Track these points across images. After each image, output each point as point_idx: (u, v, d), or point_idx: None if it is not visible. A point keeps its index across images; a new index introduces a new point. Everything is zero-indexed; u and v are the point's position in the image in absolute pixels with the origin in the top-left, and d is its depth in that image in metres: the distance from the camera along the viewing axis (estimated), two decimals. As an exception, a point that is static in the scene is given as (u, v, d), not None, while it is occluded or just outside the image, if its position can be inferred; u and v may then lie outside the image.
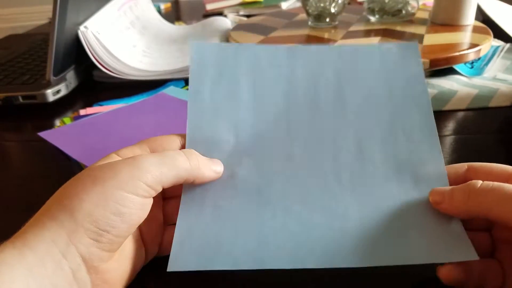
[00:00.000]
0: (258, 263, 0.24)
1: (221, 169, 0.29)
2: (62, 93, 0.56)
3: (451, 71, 0.57)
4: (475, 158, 0.28)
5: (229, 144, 0.30)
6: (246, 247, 0.25)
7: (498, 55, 0.62)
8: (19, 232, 0.22)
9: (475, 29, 0.61)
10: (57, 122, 0.51)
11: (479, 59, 0.61)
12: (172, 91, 0.55)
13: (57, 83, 0.56)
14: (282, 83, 0.32)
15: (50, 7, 0.54)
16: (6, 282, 0.19)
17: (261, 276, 0.27)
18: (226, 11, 1.00)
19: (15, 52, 0.73)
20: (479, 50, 0.54)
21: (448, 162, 0.28)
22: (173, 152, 0.26)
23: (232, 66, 0.33)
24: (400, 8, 0.68)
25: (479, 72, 0.57)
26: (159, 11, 1.07)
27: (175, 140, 0.29)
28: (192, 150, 0.27)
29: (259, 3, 1.03)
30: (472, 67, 0.59)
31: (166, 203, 0.29)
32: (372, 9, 0.69)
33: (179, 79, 0.60)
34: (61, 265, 0.21)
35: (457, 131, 0.44)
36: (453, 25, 0.63)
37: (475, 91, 0.52)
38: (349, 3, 0.88)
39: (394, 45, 0.33)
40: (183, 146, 0.29)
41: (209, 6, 1.06)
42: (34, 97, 0.54)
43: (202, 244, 0.25)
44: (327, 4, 0.66)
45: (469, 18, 0.62)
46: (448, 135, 0.43)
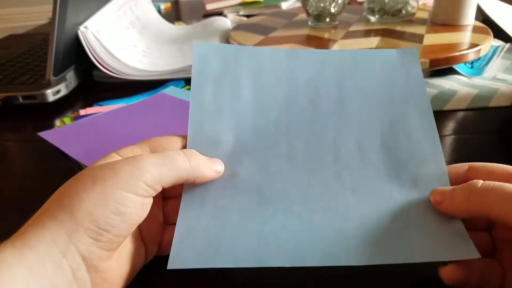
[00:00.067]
0: (258, 261, 0.24)
1: (221, 169, 0.29)
2: (62, 93, 0.56)
3: (451, 71, 0.57)
4: (475, 158, 0.28)
5: (230, 144, 0.30)
6: (246, 246, 0.25)
7: (498, 55, 0.62)
8: (19, 232, 0.22)
9: (475, 29, 0.61)
10: (57, 122, 0.51)
11: (479, 59, 0.61)
12: (172, 91, 0.55)
13: (57, 83, 0.56)
14: (283, 85, 0.33)
15: (50, 7, 0.54)
16: (6, 281, 0.19)
17: (261, 275, 0.27)
18: (226, 11, 1.00)
19: (15, 52, 0.73)
20: (479, 50, 0.54)
21: (448, 162, 0.28)
22: (173, 152, 0.26)
23: (234, 67, 0.33)
24: (400, 8, 0.68)
25: (479, 72, 0.57)
26: (159, 11, 1.07)
27: (176, 141, 0.29)
28: (192, 150, 0.27)
29: (259, 3, 1.03)
30: (472, 67, 0.59)
31: (166, 202, 0.29)
32: (372, 9, 0.69)
33: (179, 79, 0.60)
34: (61, 265, 0.21)
35: (457, 131, 0.44)
36: (453, 25, 0.63)
37: (475, 91, 0.52)
38: (349, 3, 0.88)
39: (395, 51, 0.34)
40: (184, 147, 0.29)
41: (209, 6, 1.06)
42: (34, 97, 0.54)
43: (202, 242, 0.26)
44: (327, 4, 0.66)
45: (469, 18, 0.62)
46: (448, 135, 0.43)
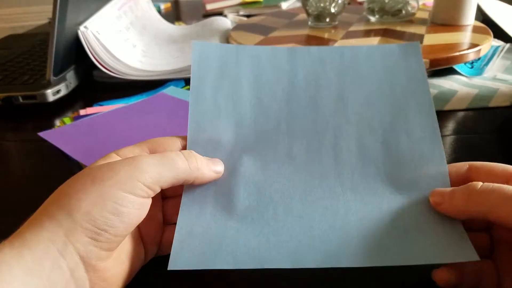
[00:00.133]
0: (259, 262, 0.24)
1: (221, 169, 0.29)
2: (62, 93, 0.56)
3: (451, 71, 0.57)
4: (475, 158, 0.28)
5: (230, 143, 0.30)
6: (246, 246, 0.25)
7: (498, 55, 0.62)
8: (18, 232, 0.22)
9: (475, 29, 0.61)
10: (57, 122, 0.51)
11: (479, 59, 0.61)
12: (172, 91, 0.55)
13: (57, 83, 0.56)
14: (283, 84, 0.33)
15: (50, 7, 0.54)
16: (5, 281, 0.19)
17: (261, 275, 0.27)
18: (226, 11, 1.00)
19: (15, 52, 0.73)
20: (479, 50, 0.54)
21: (448, 162, 0.28)
22: (172, 153, 0.26)
23: (234, 66, 0.33)
24: (400, 8, 0.68)
25: (479, 72, 0.57)
26: (159, 11, 1.07)
27: (175, 142, 0.29)
28: (191, 152, 0.27)
29: (259, 3, 1.03)
30: (472, 67, 0.59)
31: (166, 202, 0.29)
32: (372, 9, 0.69)
33: (179, 79, 0.60)
34: (59, 264, 0.21)
35: (457, 131, 0.44)
36: (453, 25, 0.63)
37: (475, 91, 0.52)
38: (349, 3, 0.88)
39: (396, 45, 0.33)
40: (184, 147, 0.29)
41: (209, 6, 1.06)
42: (34, 97, 0.54)
43: (202, 243, 0.25)
44: (327, 4, 0.66)
45: (469, 18, 0.62)
46: (448, 135, 0.43)
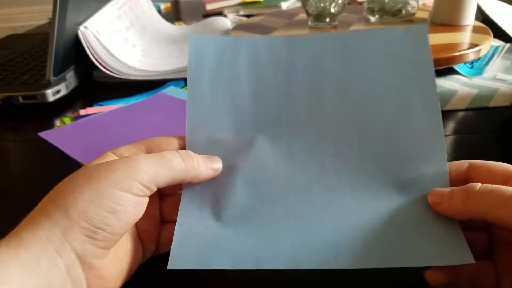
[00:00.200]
0: (256, 263, 0.24)
1: (219, 167, 0.28)
2: (62, 93, 0.56)
3: (451, 71, 0.57)
4: (475, 158, 0.27)
5: (229, 139, 0.30)
6: (244, 247, 0.25)
7: (498, 55, 0.62)
8: (14, 231, 0.22)
9: (475, 29, 0.61)
10: (57, 122, 0.52)
11: (479, 59, 0.61)
12: (172, 91, 0.55)
13: (57, 83, 0.56)
14: (283, 76, 0.31)
15: (50, 7, 0.54)
16: (2, 280, 0.19)
17: (261, 275, 0.27)
18: (226, 11, 1.00)
19: (15, 52, 0.73)
20: (479, 50, 0.54)
21: (448, 162, 0.28)
22: (169, 153, 0.26)
23: (231, 59, 0.32)
24: (400, 8, 0.68)
25: (479, 72, 0.57)
26: (159, 11, 1.07)
27: (172, 141, 0.29)
28: (188, 151, 0.27)
29: (259, 3, 1.03)
30: (472, 67, 0.59)
31: (163, 201, 0.29)
32: (372, 9, 0.69)
33: (179, 79, 0.60)
34: (56, 262, 0.21)
35: (457, 131, 0.44)
36: (453, 25, 0.63)
37: (475, 91, 0.52)
38: (349, 3, 0.88)
39: (401, 28, 0.31)
40: (181, 147, 0.29)
41: (209, 6, 1.06)
42: (34, 97, 0.54)
43: (202, 242, 0.25)
44: (327, 4, 0.66)
45: (469, 18, 0.62)
46: (448, 135, 0.43)
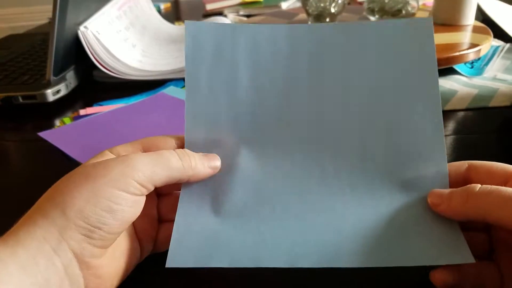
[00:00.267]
0: (255, 261, 0.24)
1: (218, 164, 0.28)
2: (62, 93, 0.56)
3: (451, 71, 0.57)
4: (475, 158, 0.27)
5: (228, 137, 0.29)
6: (243, 245, 0.25)
7: (498, 55, 0.62)
8: (12, 230, 0.22)
9: (475, 29, 0.61)
10: (57, 122, 0.51)
11: (479, 59, 0.60)
12: (172, 91, 0.55)
13: (57, 83, 0.56)
14: (283, 68, 0.30)
15: (50, 7, 0.54)
16: (2, 280, 0.19)
17: (260, 273, 0.27)
18: (226, 11, 1.00)
19: (15, 52, 0.73)
20: (479, 50, 0.54)
21: (448, 162, 0.28)
22: (166, 152, 0.26)
23: (230, 49, 0.31)
24: (400, 8, 0.68)
25: (479, 72, 0.57)
26: (159, 11, 1.07)
27: (170, 141, 0.29)
28: (185, 150, 0.27)
29: (259, 3, 1.03)
30: (472, 67, 0.59)
31: (161, 200, 0.29)
32: (372, 9, 0.69)
33: (178, 79, 0.60)
34: (53, 261, 0.21)
35: (457, 131, 0.44)
36: (453, 25, 0.63)
37: (475, 91, 0.52)
38: (349, 3, 0.88)
39: (406, 22, 0.30)
40: (179, 147, 0.29)
41: (209, 6, 1.06)
42: (34, 97, 0.54)
43: (200, 241, 0.25)
44: (327, 4, 0.66)
45: (469, 18, 0.62)
46: (448, 135, 0.43)
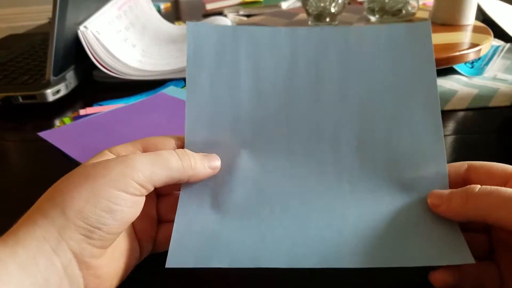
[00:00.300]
0: (255, 261, 0.24)
1: (217, 165, 0.28)
2: (62, 93, 0.56)
3: (451, 71, 0.57)
4: (475, 158, 0.28)
5: (229, 137, 0.30)
6: (243, 245, 0.25)
7: (498, 55, 0.62)
8: (11, 230, 0.22)
9: (475, 29, 0.61)
10: (57, 122, 0.51)
11: (479, 59, 0.60)
12: (172, 91, 0.55)
13: (57, 83, 0.56)
14: (283, 71, 0.31)
15: (50, 7, 0.54)
16: (2, 280, 0.19)
17: (260, 274, 0.27)
18: (226, 11, 1.00)
19: (15, 52, 0.73)
20: (479, 50, 0.54)
21: (448, 162, 0.28)
22: (166, 152, 0.26)
23: (231, 52, 0.31)
24: (400, 8, 0.68)
25: (479, 72, 0.57)
26: (159, 11, 1.07)
27: (169, 141, 0.29)
28: (185, 150, 0.27)
29: (259, 3, 1.03)
30: (472, 67, 0.59)
31: (160, 200, 0.29)
32: (372, 9, 0.69)
33: (178, 79, 0.60)
34: (52, 261, 0.21)
35: (457, 131, 0.44)
36: (453, 25, 0.63)
37: (475, 91, 0.52)
38: (349, 3, 0.88)
39: (404, 26, 0.31)
40: (178, 147, 0.29)
41: (209, 6, 1.06)
42: (34, 97, 0.54)
43: (200, 241, 0.25)
44: (327, 4, 0.66)
45: (469, 18, 0.62)
46: (448, 135, 0.43)
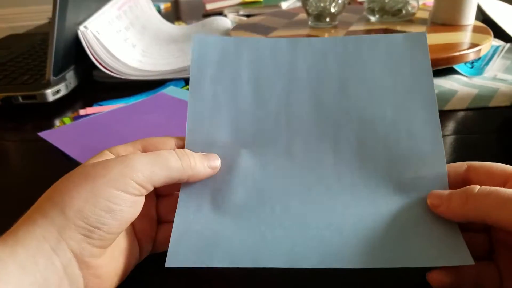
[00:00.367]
0: (255, 261, 0.24)
1: (217, 164, 0.28)
2: (62, 93, 0.56)
3: (451, 71, 0.57)
4: (475, 158, 0.28)
5: (229, 138, 0.30)
6: (243, 245, 0.25)
7: (498, 55, 0.62)
8: (11, 229, 0.22)
9: (475, 29, 0.61)
10: (57, 122, 0.51)
11: (479, 59, 0.60)
12: (172, 91, 0.55)
13: (57, 83, 0.56)
14: (284, 78, 0.32)
15: (50, 7, 0.54)
16: (1, 279, 0.19)
17: (259, 274, 0.27)
18: (226, 11, 1.00)
19: (15, 52, 0.73)
20: (479, 50, 0.54)
21: (448, 162, 0.28)
22: (165, 152, 0.26)
23: (233, 59, 0.32)
24: (400, 8, 0.68)
25: (479, 72, 0.57)
26: (159, 11, 1.07)
27: (169, 141, 0.29)
28: (185, 150, 0.27)
29: (259, 3, 1.03)
30: (472, 67, 0.59)
31: (160, 201, 0.29)
32: (372, 9, 0.69)
33: (178, 79, 0.60)
34: (52, 260, 0.21)
35: (457, 131, 0.44)
36: (453, 25, 0.63)
37: (475, 91, 0.52)
38: (349, 3, 0.88)
39: (401, 36, 0.32)
40: (178, 147, 0.29)
41: (209, 6, 1.06)
42: (34, 97, 0.54)
43: (200, 240, 0.25)
44: (327, 4, 0.66)
45: (469, 18, 0.62)
46: (448, 135, 0.43)
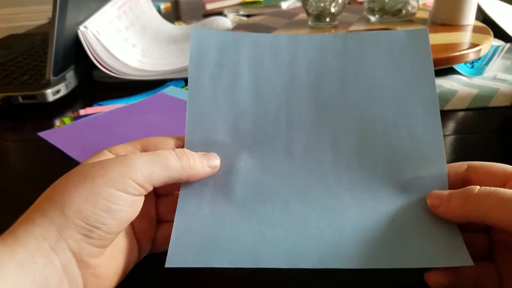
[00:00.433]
0: (254, 261, 0.24)
1: (217, 164, 0.28)
2: (62, 93, 0.56)
3: (451, 71, 0.57)
4: (475, 158, 0.28)
5: (229, 137, 0.30)
6: (243, 245, 0.25)
7: (498, 55, 0.62)
8: (11, 229, 0.22)
9: (475, 29, 0.61)
10: (57, 122, 0.51)
11: (479, 59, 0.60)
12: (172, 91, 0.55)
13: (57, 83, 0.56)
14: (284, 75, 0.31)
15: (50, 7, 0.54)
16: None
17: (259, 274, 0.27)
18: (226, 11, 1.00)
19: (15, 52, 0.73)
20: (479, 50, 0.54)
21: (448, 162, 0.28)
22: (165, 152, 0.26)
23: (233, 56, 0.32)
24: (400, 8, 0.68)
25: (479, 72, 0.57)
26: (159, 11, 1.07)
27: (169, 141, 0.29)
28: (184, 150, 0.27)
29: (259, 3, 1.03)
30: (472, 67, 0.59)
31: (160, 201, 0.29)
32: (372, 9, 0.69)
33: (178, 79, 0.60)
34: (51, 259, 0.21)
35: (457, 131, 0.44)
36: (453, 25, 0.63)
37: (475, 91, 0.52)
38: (349, 3, 0.88)
39: (403, 32, 0.31)
40: (177, 146, 0.29)
41: (209, 6, 1.06)
42: (34, 97, 0.54)
43: (199, 240, 0.25)
44: (327, 4, 0.66)
45: (469, 18, 0.62)
46: (448, 135, 0.43)
